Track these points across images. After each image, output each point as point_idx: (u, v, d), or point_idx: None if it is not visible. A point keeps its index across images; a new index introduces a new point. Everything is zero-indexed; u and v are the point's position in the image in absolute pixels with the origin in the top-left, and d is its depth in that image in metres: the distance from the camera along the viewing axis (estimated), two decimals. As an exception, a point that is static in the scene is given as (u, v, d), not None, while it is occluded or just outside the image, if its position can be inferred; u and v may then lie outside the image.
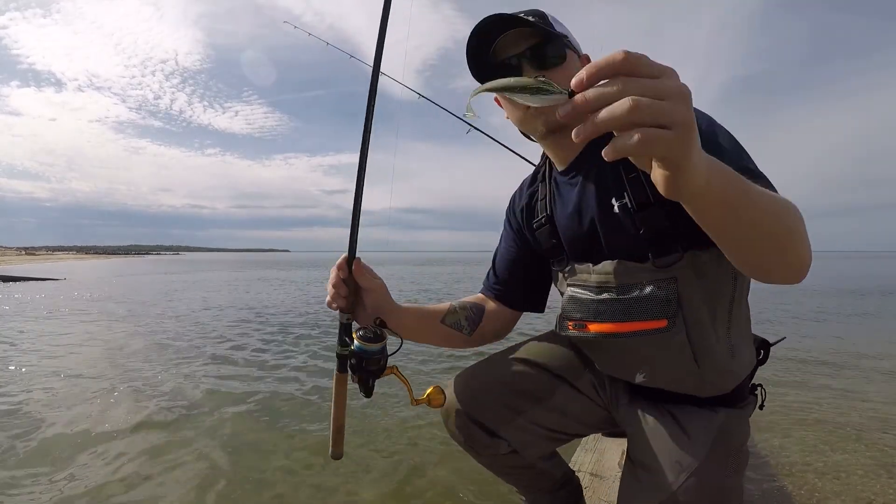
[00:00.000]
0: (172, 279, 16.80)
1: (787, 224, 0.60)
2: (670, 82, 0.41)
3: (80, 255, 74.81)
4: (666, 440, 0.87)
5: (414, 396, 0.99)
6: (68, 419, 2.58)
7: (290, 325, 6.02)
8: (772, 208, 0.58)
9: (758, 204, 0.55)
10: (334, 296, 0.95)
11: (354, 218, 0.95)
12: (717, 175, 0.50)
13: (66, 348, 4.56)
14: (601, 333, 0.89)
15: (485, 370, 1.09)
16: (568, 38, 0.91)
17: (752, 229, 0.57)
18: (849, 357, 4.18)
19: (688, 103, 0.41)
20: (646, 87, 0.39)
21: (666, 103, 0.39)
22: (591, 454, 1.84)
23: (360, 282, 0.96)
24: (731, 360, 0.86)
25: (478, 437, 1.04)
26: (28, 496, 1.77)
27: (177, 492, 1.79)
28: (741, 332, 0.89)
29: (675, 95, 0.40)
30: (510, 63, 0.90)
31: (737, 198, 0.53)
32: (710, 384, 0.87)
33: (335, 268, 0.95)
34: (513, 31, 0.89)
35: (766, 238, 0.58)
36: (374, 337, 0.93)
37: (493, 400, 1.03)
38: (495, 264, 1.16)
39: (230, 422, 2.54)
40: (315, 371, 3.68)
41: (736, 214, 0.55)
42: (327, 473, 1.94)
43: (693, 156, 0.43)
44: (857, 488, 1.80)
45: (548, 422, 1.05)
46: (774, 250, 0.60)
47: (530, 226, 1.07)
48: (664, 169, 0.45)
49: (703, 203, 0.52)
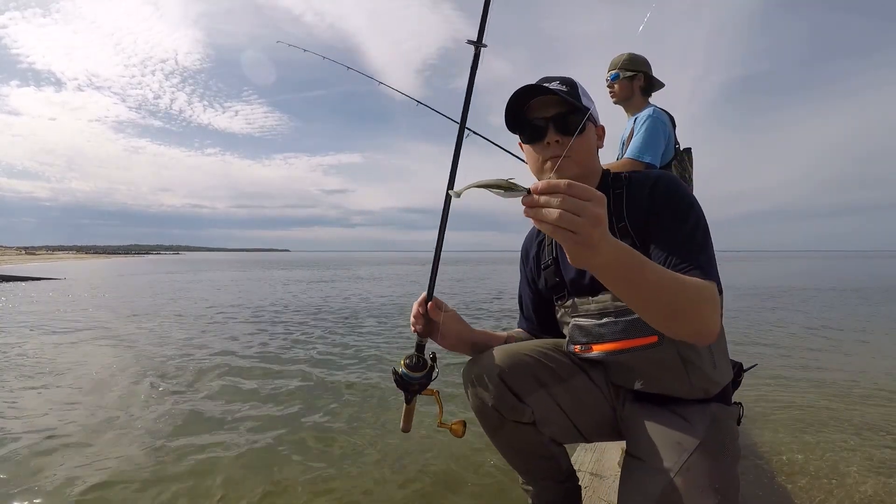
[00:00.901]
0: (188, 279, 16.80)
1: (684, 302, 0.81)
2: (590, 207, 0.64)
3: (80, 255, 74.79)
4: (666, 425, 1.00)
5: (441, 420, 1.18)
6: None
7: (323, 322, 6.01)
8: (669, 287, 0.79)
9: (653, 284, 0.77)
10: (414, 323, 1.18)
11: (434, 266, 1.20)
12: (617, 260, 0.71)
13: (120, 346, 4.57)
14: (604, 352, 1.08)
15: (516, 347, 1.20)
16: (591, 110, 1.06)
17: (647, 301, 0.79)
18: (848, 356, 4.19)
19: (595, 222, 0.64)
20: (571, 205, 0.63)
21: (578, 218, 0.63)
22: (591, 454, 1.84)
23: (432, 316, 1.17)
24: (714, 370, 1.04)
25: (507, 399, 1.12)
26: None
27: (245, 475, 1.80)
28: (720, 347, 1.08)
29: (590, 216, 0.64)
30: (538, 124, 1.07)
31: (632, 277, 0.75)
32: (698, 389, 1.04)
33: (416, 303, 1.17)
34: (544, 97, 1.06)
35: (662, 308, 0.80)
36: (416, 366, 1.15)
37: (523, 369, 1.14)
38: (522, 307, 1.38)
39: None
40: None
41: (632, 288, 0.77)
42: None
43: (590, 249, 0.66)
44: (855, 488, 1.81)
45: (566, 402, 1.15)
46: (672, 318, 0.81)
47: (538, 268, 1.27)
48: (568, 251, 0.68)
49: (603, 277, 0.74)
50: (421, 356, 1.18)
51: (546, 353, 1.17)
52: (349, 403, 2.90)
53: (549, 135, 1.05)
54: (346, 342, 4.96)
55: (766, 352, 4.43)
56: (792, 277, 17.08)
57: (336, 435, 2.41)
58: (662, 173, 1.07)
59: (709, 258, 0.94)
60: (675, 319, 0.82)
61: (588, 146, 1.08)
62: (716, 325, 0.84)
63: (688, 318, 0.82)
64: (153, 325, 6.12)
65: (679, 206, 1.00)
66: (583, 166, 1.08)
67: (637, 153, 2.09)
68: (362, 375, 3.58)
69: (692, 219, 0.98)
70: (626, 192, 1.07)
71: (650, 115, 2.15)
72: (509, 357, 1.14)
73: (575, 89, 1.06)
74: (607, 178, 1.12)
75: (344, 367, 3.86)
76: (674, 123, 2.21)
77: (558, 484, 1.26)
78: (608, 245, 0.68)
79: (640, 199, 1.04)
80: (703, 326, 0.84)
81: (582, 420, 1.17)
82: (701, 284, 0.85)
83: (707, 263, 0.93)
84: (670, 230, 0.98)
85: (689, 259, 0.92)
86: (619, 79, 2.30)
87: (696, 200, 1.02)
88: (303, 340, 5.05)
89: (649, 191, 1.03)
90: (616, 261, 0.71)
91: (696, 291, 0.83)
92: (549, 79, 1.08)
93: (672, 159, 2.16)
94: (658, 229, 0.99)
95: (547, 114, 1.06)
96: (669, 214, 0.99)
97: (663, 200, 1.01)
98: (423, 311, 1.17)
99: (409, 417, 1.23)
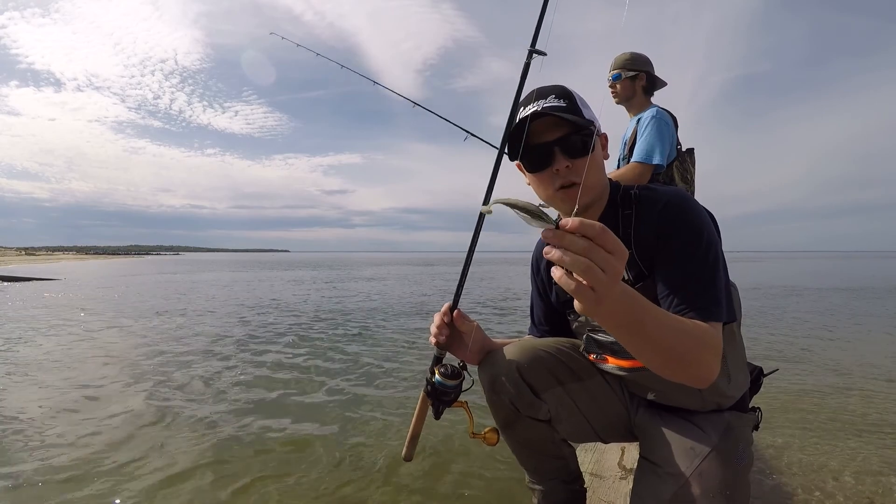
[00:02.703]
0: (194, 279, 16.79)
1: (682, 350, 0.78)
2: (615, 262, 0.59)
3: (80, 256, 74.75)
4: (680, 433, 1.01)
5: (473, 430, 1.15)
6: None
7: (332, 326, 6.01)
8: (668, 336, 0.76)
9: (651, 333, 0.74)
10: (436, 334, 1.12)
11: (462, 276, 1.15)
12: (620, 312, 0.68)
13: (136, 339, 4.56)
14: (619, 367, 1.07)
15: (535, 342, 1.20)
16: (594, 122, 0.98)
17: (643, 347, 0.76)
18: (850, 355, 4.18)
19: (615, 279, 0.60)
20: (598, 258, 0.58)
21: (601, 274, 0.58)
22: (591, 454, 1.84)
23: (458, 326, 1.13)
24: (728, 385, 1.03)
25: (525, 394, 1.13)
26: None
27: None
28: (736, 362, 1.06)
29: (610, 271, 0.59)
30: (544, 150, 0.97)
31: (632, 327, 0.72)
32: (711, 403, 1.04)
33: (439, 313, 1.13)
34: (546, 119, 0.96)
35: (659, 355, 0.78)
36: (452, 374, 1.11)
37: (542, 366, 1.13)
38: (533, 317, 1.35)
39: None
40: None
41: (631, 335, 0.74)
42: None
43: (597, 302, 0.61)
44: (858, 487, 1.80)
45: (581, 401, 1.15)
46: (668, 364, 0.79)
47: (550, 280, 1.22)
48: (577, 299, 0.62)
49: (601, 322, 0.72)
50: (453, 364, 1.14)
51: (564, 351, 1.17)
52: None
53: (558, 160, 0.96)
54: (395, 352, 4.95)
55: (767, 352, 4.42)
56: (792, 277, 17.08)
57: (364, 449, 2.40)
58: (673, 193, 1.00)
59: (713, 297, 0.89)
60: (670, 366, 0.80)
61: (598, 165, 1.01)
62: (713, 371, 0.82)
63: (684, 365, 0.80)
64: (175, 326, 6.11)
65: (687, 237, 0.93)
66: (596, 188, 1.01)
67: (645, 156, 2.07)
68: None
69: (700, 251, 0.92)
70: (635, 213, 1.01)
71: (653, 116, 2.14)
72: (528, 352, 1.14)
73: (574, 101, 0.97)
74: (616, 194, 1.06)
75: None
76: (676, 124, 2.20)
77: (566, 485, 1.26)
78: (615, 299, 0.64)
79: (649, 223, 0.99)
80: (701, 373, 0.81)
81: (597, 420, 1.17)
82: (701, 331, 0.82)
83: (711, 303, 0.88)
84: (676, 264, 0.93)
85: (691, 301, 0.88)
86: (620, 79, 2.30)
87: (708, 223, 0.96)
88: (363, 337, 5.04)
89: (658, 215, 0.97)
90: (618, 312, 0.68)
91: (696, 339, 0.80)
92: (544, 92, 0.99)
93: (674, 160, 2.15)
94: (664, 261, 0.95)
95: (551, 137, 0.96)
96: (677, 245, 0.93)
97: (672, 228, 0.95)
98: (447, 321, 1.12)
99: (414, 441, 1.17)
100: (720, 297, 0.89)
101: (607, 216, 1.05)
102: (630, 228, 1.01)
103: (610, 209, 1.05)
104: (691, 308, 0.87)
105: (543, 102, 0.96)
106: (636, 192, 1.04)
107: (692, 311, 0.86)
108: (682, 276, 0.91)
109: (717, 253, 0.93)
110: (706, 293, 0.89)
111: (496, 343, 1.22)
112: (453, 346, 1.16)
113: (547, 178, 0.99)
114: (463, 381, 1.13)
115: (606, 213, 1.05)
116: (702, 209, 0.98)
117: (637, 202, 1.02)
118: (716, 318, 0.87)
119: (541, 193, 1.03)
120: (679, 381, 0.82)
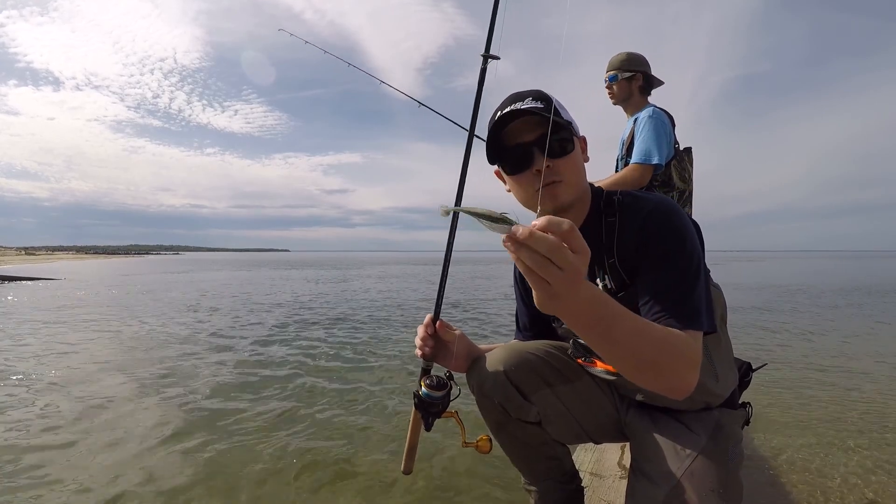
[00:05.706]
0: (202, 278, 16.77)
1: (657, 358, 0.77)
2: (575, 259, 0.58)
3: (80, 255, 74.76)
4: (669, 433, 1.01)
5: (465, 439, 1.16)
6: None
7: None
8: (641, 343, 0.75)
9: (621, 339, 0.73)
10: (421, 346, 1.14)
11: (440, 292, 1.17)
12: (586, 313, 0.68)
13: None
14: (607, 371, 1.09)
15: (522, 346, 1.20)
16: (573, 124, 0.98)
17: (614, 354, 0.75)
18: (850, 354, 4.19)
19: (574, 279, 0.59)
20: (557, 256, 0.57)
21: (558, 271, 0.57)
22: (591, 454, 1.84)
23: (442, 335, 1.14)
24: (717, 383, 1.04)
25: (513, 397, 1.12)
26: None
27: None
28: (723, 361, 1.07)
29: (568, 269, 0.58)
30: (522, 151, 0.96)
31: (601, 331, 0.71)
32: (700, 402, 1.05)
33: (422, 326, 1.14)
34: (522, 119, 0.95)
35: (631, 362, 0.76)
36: (438, 385, 1.11)
37: (530, 368, 1.13)
38: (518, 323, 1.35)
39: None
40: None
41: (600, 341, 0.73)
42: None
43: (556, 299, 0.62)
44: (858, 487, 1.80)
45: (571, 403, 1.15)
46: (641, 372, 0.78)
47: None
48: (535, 296, 0.63)
49: (569, 324, 0.70)
50: (439, 375, 1.14)
51: (552, 353, 1.17)
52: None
53: (537, 161, 0.94)
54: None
55: (766, 352, 4.42)
56: (793, 277, 17.07)
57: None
58: (658, 201, 0.99)
59: (693, 306, 0.87)
60: (642, 373, 0.78)
61: (578, 166, 0.99)
62: (690, 381, 0.80)
63: (656, 373, 0.78)
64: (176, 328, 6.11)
65: (670, 246, 0.92)
66: (576, 188, 0.99)
67: (644, 157, 2.08)
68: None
69: (682, 261, 0.91)
70: (619, 220, 1.00)
71: (650, 116, 2.14)
72: (515, 356, 1.14)
73: (550, 103, 0.95)
74: (599, 199, 1.04)
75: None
76: (673, 123, 2.20)
77: (562, 484, 1.26)
78: (578, 299, 0.64)
79: (631, 230, 0.97)
80: (673, 383, 0.80)
81: (587, 421, 1.17)
82: (678, 339, 0.81)
83: (691, 311, 0.86)
84: (657, 272, 0.92)
85: (670, 308, 0.87)
86: (617, 80, 2.30)
87: (691, 232, 0.94)
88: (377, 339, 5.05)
89: (641, 223, 0.96)
90: (584, 314, 0.68)
91: (670, 347, 0.79)
92: (521, 95, 0.98)
93: (672, 159, 2.15)
94: (645, 269, 0.94)
95: (529, 137, 0.95)
96: (660, 254, 0.92)
97: (655, 238, 0.94)
98: (430, 333, 1.13)
99: (412, 454, 1.17)
100: (700, 306, 0.88)
101: (591, 222, 1.04)
102: (613, 235, 1.00)
103: (594, 215, 1.04)
104: (670, 315, 0.85)
105: (521, 104, 0.95)
106: (620, 198, 1.03)
107: (671, 318, 0.85)
108: (664, 283, 0.90)
109: (699, 262, 0.92)
110: (686, 302, 0.87)
111: (482, 349, 1.22)
112: (439, 357, 1.16)
113: (526, 180, 0.97)
114: (450, 390, 1.12)
115: (590, 220, 1.04)
116: (686, 218, 0.97)
117: (621, 209, 1.01)
118: (695, 326, 0.85)
119: (520, 196, 1.02)
120: (653, 389, 0.81)
